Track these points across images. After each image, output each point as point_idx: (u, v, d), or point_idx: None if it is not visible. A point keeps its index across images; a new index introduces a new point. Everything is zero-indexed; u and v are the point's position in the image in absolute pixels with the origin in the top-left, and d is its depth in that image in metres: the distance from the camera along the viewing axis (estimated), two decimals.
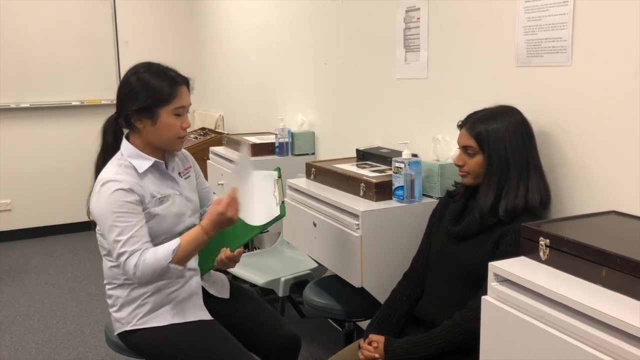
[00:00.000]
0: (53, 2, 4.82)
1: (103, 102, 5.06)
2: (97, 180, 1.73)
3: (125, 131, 1.82)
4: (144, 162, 1.75)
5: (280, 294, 2.65)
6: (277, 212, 1.78)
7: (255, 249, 3.66)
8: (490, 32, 1.90)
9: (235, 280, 2.12)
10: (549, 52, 1.68)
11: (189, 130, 1.90)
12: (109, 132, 1.83)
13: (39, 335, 3.18)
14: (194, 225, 1.89)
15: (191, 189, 1.93)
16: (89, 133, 5.64)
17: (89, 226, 1.86)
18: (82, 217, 1.93)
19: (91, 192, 1.80)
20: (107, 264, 1.83)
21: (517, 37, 1.78)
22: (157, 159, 1.78)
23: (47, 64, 4.85)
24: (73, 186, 4.96)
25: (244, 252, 2.01)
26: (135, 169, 1.74)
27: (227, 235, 1.87)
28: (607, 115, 1.53)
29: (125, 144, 1.78)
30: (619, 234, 1.38)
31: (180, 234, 1.77)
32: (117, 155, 1.77)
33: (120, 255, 1.64)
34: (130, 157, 1.75)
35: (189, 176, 1.94)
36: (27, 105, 4.86)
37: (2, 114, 4.82)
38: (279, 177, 1.90)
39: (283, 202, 1.81)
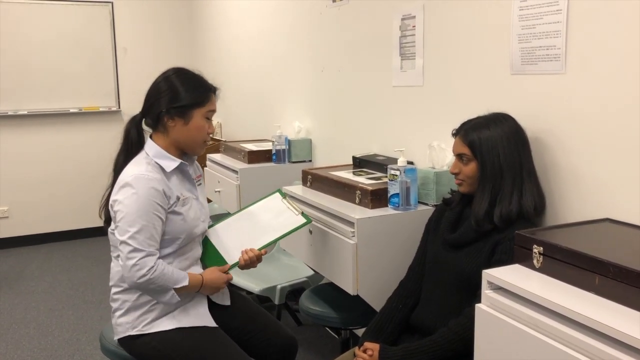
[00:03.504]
0: (51, 10, 4.83)
1: (101, 109, 5.07)
2: (124, 176, 1.72)
3: (147, 133, 1.85)
4: (171, 163, 1.79)
5: (277, 302, 2.65)
6: (301, 220, 1.92)
7: None
8: (485, 40, 1.91)
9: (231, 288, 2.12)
10: (543, 60, 1.68)
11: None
12: (133, 131, 1.84)
13: (34, 343, 3.17)
14: (206, 231, 1.93)
15: (203, 195, 1.96)
16: (87, 140, 5.63)
17: (86, 233, 1.86)
18: (80, 225, 1.93)
19: (107, 192, 1.82)
20: (117, 266, 1.81)
21: (511, 45, 1.79)
22: (182, 161, 1.81)
23: (45, 71, 4.85)
24: (71, 193, 4.97)
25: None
26: (162, 169, 1.76)
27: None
28: (601, 123, 1.53)
29: (150, 144, 1.80)
30: (612, 241, 1.38)
31: (196, 236, 1.84)
32: (142, 154, 1.79)
33: (136, 250, 1.66)
34: (155, 157, 1.77)
35: (201, 184, 1.97)
36: (25, 112, 4.86)
37: (0, 121, 4.82)
38: (284, 196, 2.02)
39: (303, 212, 1.95)
